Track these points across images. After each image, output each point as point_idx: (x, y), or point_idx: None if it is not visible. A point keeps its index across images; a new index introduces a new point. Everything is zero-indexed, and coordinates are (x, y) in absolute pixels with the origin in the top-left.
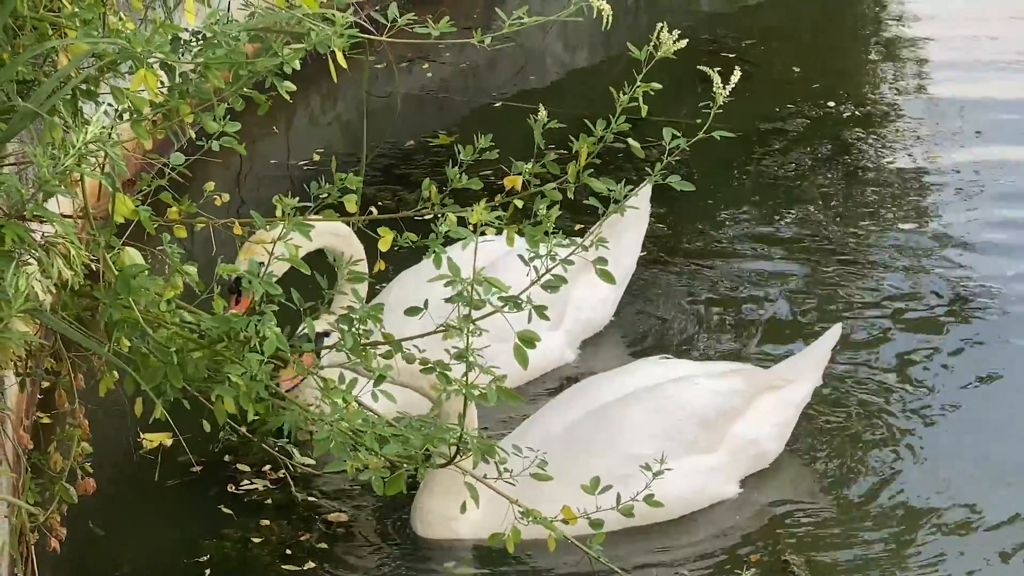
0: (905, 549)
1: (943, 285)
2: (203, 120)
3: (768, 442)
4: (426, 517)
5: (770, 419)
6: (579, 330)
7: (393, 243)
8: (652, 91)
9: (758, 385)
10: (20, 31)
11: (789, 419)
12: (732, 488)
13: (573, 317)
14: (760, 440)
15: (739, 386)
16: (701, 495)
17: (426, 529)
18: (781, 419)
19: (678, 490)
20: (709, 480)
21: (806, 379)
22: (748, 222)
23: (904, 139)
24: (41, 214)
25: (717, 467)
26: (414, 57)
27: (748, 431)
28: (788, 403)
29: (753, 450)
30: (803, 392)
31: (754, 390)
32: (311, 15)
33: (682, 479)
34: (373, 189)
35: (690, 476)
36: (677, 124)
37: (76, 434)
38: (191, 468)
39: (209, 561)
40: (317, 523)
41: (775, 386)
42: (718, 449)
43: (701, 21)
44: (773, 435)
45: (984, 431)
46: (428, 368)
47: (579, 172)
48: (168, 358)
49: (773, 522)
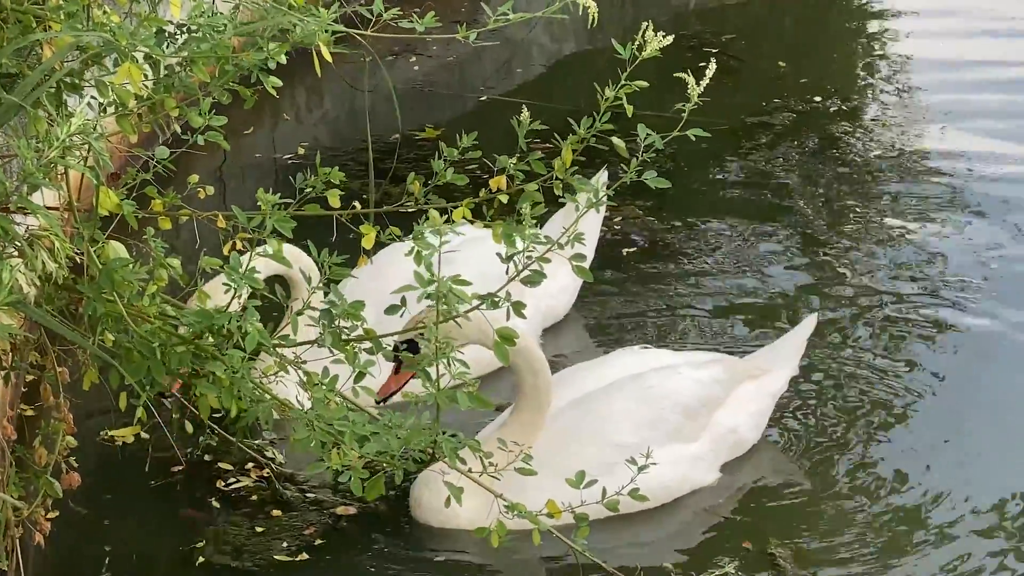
0: (888, 535)
1: (926, 277)
2: (188, 114)
3: (746, 431)
4: (425, 504)
5: (748, 408)
6: (539, 319)
7: (377, 238)
8: (638, 89)
9: (738, 375)
10: (4, 24)
11: (766, 408)
12: (713, 475)
13: (533, 306)
14: (739, 429)
15: (720, 376)
16: (683, 483)
17: (425, 516)
18: (759, 408)
19: (661, 478)
20: (692, 468)
21: (783, 368)
22: (732, 215)
23: (890, 133)
24: (26, 206)
25: (699, 455)
26: (401, 51)
27: (728, 420)
28: (766, 392)
29: (733, 438)
30: (780, 381)
31: (734, 379)
32: (296, 9)
33: (665, 467)
34: (358, 183)
35: (673, 464)
36: (662, 119)
37: (61, 428)
38: (172, 468)
39: (194, 554)
40: (308, 515)
41: (753, 375)
42: (700, 438)
43: (687, 16)
44: (751, 424)
45: (966, 417)
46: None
47: (565, 170)
48: (151, 352)
49: (754, 509)
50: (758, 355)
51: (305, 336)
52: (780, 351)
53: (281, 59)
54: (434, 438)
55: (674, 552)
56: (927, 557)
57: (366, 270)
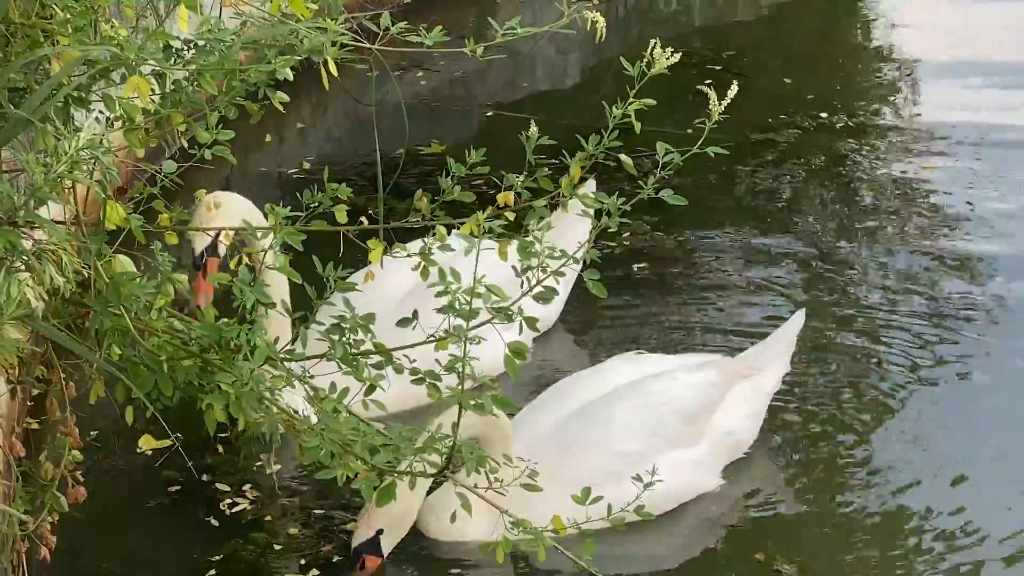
0: (892, 540)
1: (932, 294)
2: (195, 130)
3: (743, 432)
4: (433, 519)
5: (743, 409)
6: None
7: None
8: (646, 107)
9: (732, 376)
10: (12, 38)
11: (761, 408)
12: (715, 480)
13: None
14: (736, 430)
15: (715, 378)
16: (688, 488)
17: (434, 531)
18: (754, 408)
19: (666, 485)
20: (695, 473)
21: (775, 367)
22: (738, 231)
23: (897, 150)
24: (33, 220)
25: (701, 460)
26: (408, 66)
27: (725, 422)
28: (759, 392)
29: (731, 440)
30: (773, 380)
31: (729, 381)
32: (304, 23)
33: (669, 474)
34: (363, 199)
35: (677, 470)
36: (667, 136)
37: (67, 442)
38: (170, 488)
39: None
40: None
41: (746, 375)
42: (700, 442)
43: (692, 33)
44: (747, 425)
45: (969, 422)
46: (419, 379)
47: (572, 187)
48: (158, 366)
49: (757, 520)
50: (749, 354)
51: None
52: (771, 349)
53: (288, 74)
54: (453, 446)
55: (679, 563)
56: (934, 568)
57: (359, 278)
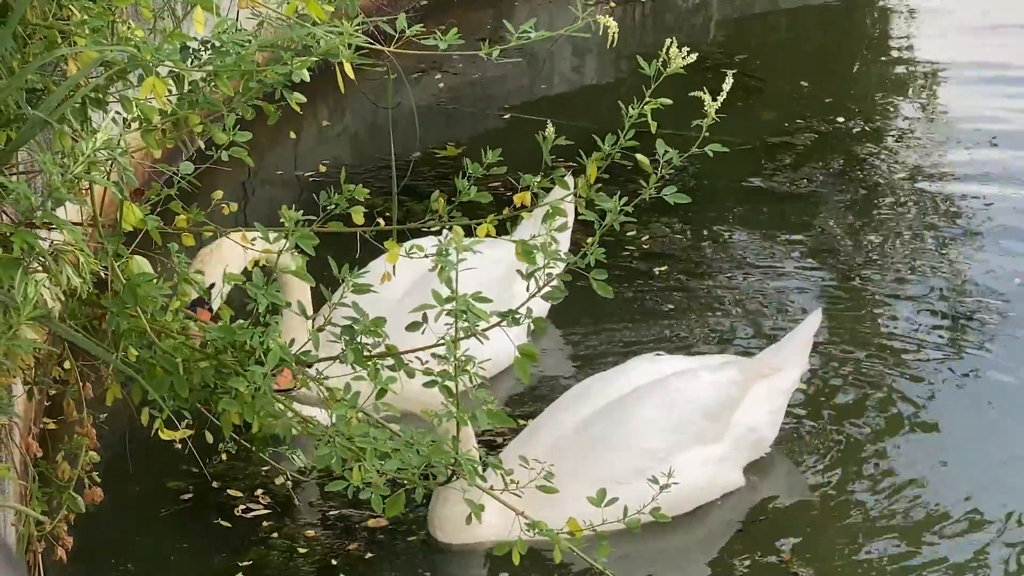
0: (909, 544)
1: (949, 299)
2: (212, 131)
3: (765, 429)
4: (445, 523)
5: (764, 407)
6: (518, 329)
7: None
8: (662, 107)
9: (752, 374)
10: (29, 39)
11: (781, 406)
12: (739, 477)
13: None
14: (758, 427)
15: (736, 376)
16: (713, 485)
17: (446, 535)
18: (774, 406)
19: (692, 481)
20: (719, 470)
21: (793, 365)
22: (755, 234)
23: (915, 153)
24: (51, 221)
25: (724, 456)
26: (426, 68)
27: (746, 419)
28: (779, 390)
29: (753, 436)
30: (792, 378)
31: (749, 379)
32: (321, 25)
33: (695, 470)
34: (380, 200)
35: (702, 467)
36: (681, 137)
37: (84, 443)
38: (182, 495)
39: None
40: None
41: (765, 374)
42: (723, 439)
43: (706, 35)
44: (769, 422)
45: (994, 425)
46: (431, 382)
47: (588, 187)
48: (174, 368)
49: (775, 522)
50: (767, 353)
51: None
52: (789, 348)
53: (304, 76)
54: (454, 457)
55: (698, 564)
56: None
57: (371, 277)
